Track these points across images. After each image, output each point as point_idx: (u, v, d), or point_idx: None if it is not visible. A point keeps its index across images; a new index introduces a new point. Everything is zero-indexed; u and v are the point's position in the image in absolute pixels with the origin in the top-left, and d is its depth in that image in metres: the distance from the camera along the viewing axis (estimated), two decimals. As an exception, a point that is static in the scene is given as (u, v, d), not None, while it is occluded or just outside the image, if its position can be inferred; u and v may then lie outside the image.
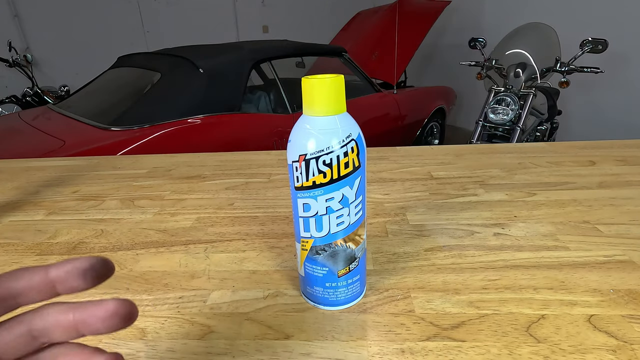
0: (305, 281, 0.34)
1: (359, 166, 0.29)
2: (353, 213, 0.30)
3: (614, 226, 0.45)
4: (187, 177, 0.67)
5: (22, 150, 1.34)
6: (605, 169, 0.62)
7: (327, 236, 0.30)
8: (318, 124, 0.28)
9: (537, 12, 2.70)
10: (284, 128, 1.76)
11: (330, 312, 0.33)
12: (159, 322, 0.33)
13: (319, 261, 0.31)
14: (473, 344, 0.29)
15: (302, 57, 2.24)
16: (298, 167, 0.29)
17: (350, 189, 0.29)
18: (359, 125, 0.30)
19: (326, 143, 0.28)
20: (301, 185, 0.29)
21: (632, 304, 0.32)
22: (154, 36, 4.07)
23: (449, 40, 3.88)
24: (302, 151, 0.28)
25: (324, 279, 0.32)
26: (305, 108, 0.29)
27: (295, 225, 0.32)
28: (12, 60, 3.07)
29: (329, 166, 0.28)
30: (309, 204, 0.29)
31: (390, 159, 0.72)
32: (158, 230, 0.49)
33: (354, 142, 0.28)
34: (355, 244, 0.32)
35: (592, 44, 1.73)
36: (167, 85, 1.62)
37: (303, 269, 0.33)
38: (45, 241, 0.48)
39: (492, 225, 0.46)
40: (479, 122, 1.93)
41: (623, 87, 2.50)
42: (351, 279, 0.33)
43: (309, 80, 0.27)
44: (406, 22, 2.81)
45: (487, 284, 0.36)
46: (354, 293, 0.33)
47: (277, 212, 0.53)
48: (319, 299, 0.33)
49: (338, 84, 0.28)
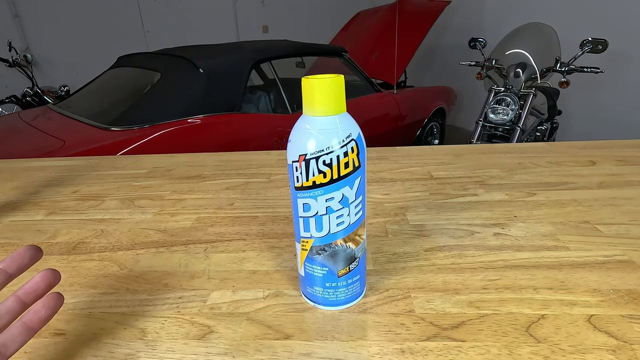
0: (305, 281, 0.34)
1: (359, 166, 0.29)
2: (353, 213, 0.30)
3: (614, 226, 0.45)
4: (187, 177, 0.67)
5: (22, 150, 1.34)
6: (605, 169, 0.62)
7: (327, 236, 0.30)
8: (318, 124, 0.28)
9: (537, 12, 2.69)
10: (284, 128, 1.76)
11: (330, 312, 0.33)
12: (159, 322, 0.33)
13: (319, 261, 0.31)
14: (473, 344, 0.29)
15: (302, 57, 2.24)
16: (298, 167, 0.29)
17: (350, 189, 0.29)
18: (358, 125, 0.30)
19: (326, 143, 0.28)
20: (301, 185, 0.29)
21: (632, 304, 0.32)
22: (154, 36, 4.07)
23: (449, 40, 3.88)
24: (302, 151, 0.28)
25: (324, 279, 0.32)
26: (305, 108, 0.29)
27: (295, 225, 0.32)
28: (12, 60, 3.07)
29: (329, 166, 0.28)
30: (309, 204, 0.29)
31: (390, 159, 0.72)
32: (158, 230, 0.49)
33: (354, 142, 0.28)
34: (355, 244, 0.32)
35: (592, 44, 1.73)
36: (167, 85, 1.62)
37: (303, 269, 0.33)
38: (45, 241, 0.48)
39: (492, 225, 0.46)
40: (479, 122, 1.93)
41: (623, 87, 2.50)
42: (351, 279, 0.33)
43: (309, 80, 0.27)
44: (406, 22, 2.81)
45: (487, 284, 0.36)
46: (354, 293, 0.33)
47: (277, 212, 0.53)
48: (319, 299, 0.33)
49: (338, 84, 0.28)
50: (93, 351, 0.30)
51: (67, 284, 0.39)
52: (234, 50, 1.78)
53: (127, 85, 1.83)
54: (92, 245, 0.46)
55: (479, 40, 2.07)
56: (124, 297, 0.36)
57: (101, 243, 0.47)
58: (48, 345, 0.31)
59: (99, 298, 0.36)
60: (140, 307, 0.35)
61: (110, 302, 0.36)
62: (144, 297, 0.36)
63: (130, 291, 0.37)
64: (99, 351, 0.30)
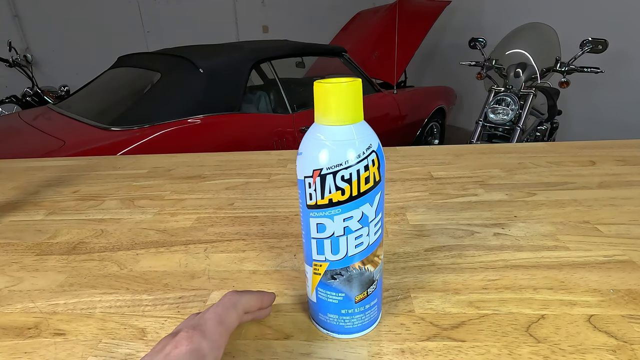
0: (317, 307, 0.30)
1: (379, 180, 0.26)
2: (373, 232, 0.27)
3: (614, 226, 0.45)
4: (187, 177, 0.67)
5: (22, 150, 1.34)
6: (605, 169, 0.62)
7: (344, 259, 0.27)
8: (333, 135, 0.24)
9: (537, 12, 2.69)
10: (284, 128, 1.76)
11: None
12: (159, 322, 0.33)
13: (334, 286, 0.28)
14: (473, 344, 0.29)
15: (302, 57, 2.24)
16: (312, 183, 0.25)
17: (370, 206, 0.26)
18: None
19: (344, 156, 0.24)
20: (315, 203, 0.26)
21: (632, 304, 0.32)
22: (154, 36, 4.07)
23: (449, 40, 3.88)
24: (317, 165, 0.25)
25: (340, 305, 0.29)
26: (318, 116, 0.25)
27: (306, 247, 0.29)
28: (12, 60, 3.07)
29: (348, 182, 0.24)
30: (323, 224, 0.26)
31: (390, 159, 0.72)
32: (158, 230, 0.49)
33: (374, 154, 0.25)
34: (374, 266, 0.28)
35: (592, 44, 1.73)
36: (167, 85, 1.62)
37: (315, 294, 0.30)
38: (45, 241, 0.48)
39: (492, 225, 0.46)
40: (479, 122, 1.93)
41: (623, 87, 2.50)
42: (369, 304, 0.30)
43: (322, 85, 0.24)
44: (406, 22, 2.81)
45: (487, 284, 0.36)
46: (370, 319, 0.31)
47: (277, 212, 0.53)
48: (334, 327, 0.30)
49: (355, 89, 0.24)
50: (93, 351, 0.30)
51: (67, 284, 0.39)
52: (234, 50, 1.79)
53: (127, 85, 1.83)
54: (92, 245, 0.46)
55: (479, 40, 2.07)
56: (124, 297, 0.36)
57: (101, 243, 0.47)
58: (48, 345, 0.31)
59: (99, 298, 0.36)
60: (140, 307, 0.35)
61: (110, 302, 0.36)
62: (144, 297, 0.36)
63: (130, 291, 0.37)
64: (99, 351, 0.30)
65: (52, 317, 0.34)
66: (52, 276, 0.40)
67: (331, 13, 4.18)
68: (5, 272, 0.42)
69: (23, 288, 0.39)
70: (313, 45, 2.13)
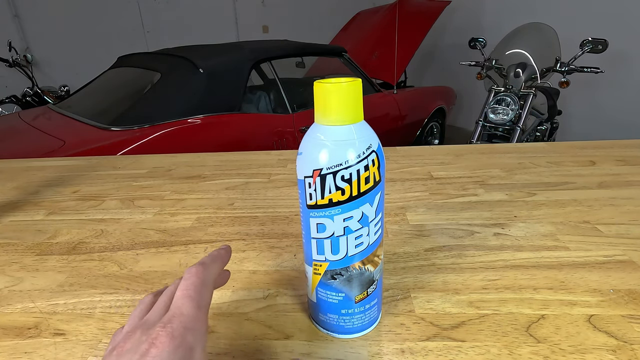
0: (317, 307, 0.31)
1: (379, 180, 0.26)
2: (373, 232, 0.27)
3: (614, 226, 0.45)
4: (187, 177, 0.67)
5: (22, 150, 1.34)
6: (605, 169, 0.62)
7: (344, 259, 0.27)
8: (334, 134, 0.25)
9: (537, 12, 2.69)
10: (284, 128, 1.76)
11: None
12: (159, 322, 0.33)
13: (334, 286, 0.28)
14: (473, 344, 0.29)
15: (302, 57, 2.24)
16: (312, 183, 0.25)
17: (370, 206, 0.26)
18: None
19: (344, 156, 0.24)
20: (315, 203, 0.26)
21: (632, 304, 0.32)
22: (154, 36, 4.07)
23: (449, 40, 3.88)
24: (317, 165, 0.25)
25: (340, 305, 0.29)
26: (318, 116, 0.25)
27: (306, 247, 0.29)
28: (12, 60, 3.07)
29: (348, 182, 0.25)
30: (323, 224, 0.26)
31: (390, 159, 0.72)
32: (158, 230, 0.49)
33: (374, 154, 0.25)
34: (374, 266, 0.29)
35: (592, 44, 1.73)
36: (167, 85, 1.62)
37: (315, 294, 0.30)
38: (45, 241, 0.48)
39: (492, 225, 0.46)
40: (479, 122, 1.93)
41: (623, 87, 2.50)
42: (369, 304, 0.30)
43: (322, 84, 0.24)
44: (406, 22, 2.81)
45: (487, 284, 0.36)
46: (370, 319, 0.31)
47: (277, 212, 0.53)
48: (334, 327, 0.30)
49: (355, 89, 0.24)
50: (93, 351, 0.30)
51: (67, 284, 0.39)
52: (234, 50, 1.78)
53: (127, 85, 1.83)
54: (92, 245, 0.46)
55: (479, 40, 2.07)
56: (124, 297, 0.36)
57: (101, 243, 0.47)
58: (48, 346, 0.31)
59: (99, 298, 0.36)
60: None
61: (110, 302, 0.36)
62: (144, 297, 0.36)
63: (130, 291, 0.37)
64: (99, 351, 0.30)
65: (52, 317, 0.34)
66: (52, 276, 0.40)
67: (331, 13, 4.18)
68: (5, 272, 0.42)
69: (23, 288, 0.39)
70: (313, 45, 2.13)
